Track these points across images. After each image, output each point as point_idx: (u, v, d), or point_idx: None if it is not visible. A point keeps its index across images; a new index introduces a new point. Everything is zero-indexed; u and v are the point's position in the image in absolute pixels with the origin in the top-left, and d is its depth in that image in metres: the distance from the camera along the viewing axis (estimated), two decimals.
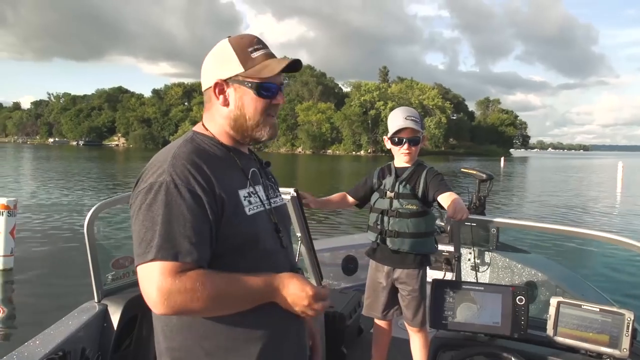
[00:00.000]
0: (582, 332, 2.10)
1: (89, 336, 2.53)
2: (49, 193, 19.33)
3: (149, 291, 1.21)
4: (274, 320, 1.39)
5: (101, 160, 50.28)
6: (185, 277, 1.21)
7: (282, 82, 1.48)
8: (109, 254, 2.89)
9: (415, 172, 3.00)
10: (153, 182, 1.28)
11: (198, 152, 1.37)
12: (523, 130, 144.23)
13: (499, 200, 19.96)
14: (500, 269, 4.44)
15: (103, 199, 2.75)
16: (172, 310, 1.22)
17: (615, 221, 15.65)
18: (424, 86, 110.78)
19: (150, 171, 1.33)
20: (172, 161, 1.31)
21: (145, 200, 1.27)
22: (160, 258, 1.21)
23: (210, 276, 1.24)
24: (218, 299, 1.25)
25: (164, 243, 1.22)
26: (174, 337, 1.37)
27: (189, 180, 1.28)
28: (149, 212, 1.25)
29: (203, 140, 1.44)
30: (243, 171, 1.46)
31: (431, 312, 2.28)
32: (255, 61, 1.42)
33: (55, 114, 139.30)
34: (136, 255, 1.25)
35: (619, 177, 34.43)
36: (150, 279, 1.21)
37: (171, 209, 1.25)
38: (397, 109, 3.13)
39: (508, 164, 64.51)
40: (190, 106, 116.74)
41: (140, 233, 1.25)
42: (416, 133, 3.00)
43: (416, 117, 3.02)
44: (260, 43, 1.46)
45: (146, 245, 1.23)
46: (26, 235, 10.60)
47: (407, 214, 2.93)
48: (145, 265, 1.22)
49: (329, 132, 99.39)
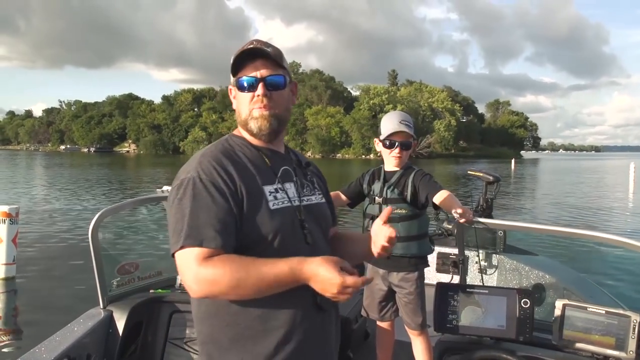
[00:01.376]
0: (587, 335, 2.08)
1: (95, 342, 2.54)
2: (57, 199, 19.50)
3: (183, 276, 1.37)
4: (296, 311, 1.45)
5: (112, 166, 50.59)
6: (212, 261, 1.32)
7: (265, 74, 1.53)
8: (114, 260, 2.91)
9: (403, 175, 3.02)
10: (183, 179, 1.44)
11: (225, 151, 1.51)
12: (534, 132, 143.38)
13: (509, 203, 19.85)
14: (507, 271, 4.41)
15: (107, 206, 2.76)
16: (202, 293, 1.34)
17: (627, 223, 15.51)
18: (433, 89, 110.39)
19: (183, 170, 1.49)
20: (200, 159, 1.48)
21: (177, 195, 1.42)
22: (188, 245, 1.34)
23: (235, 260, 1.34)
24: (240, 281, 1.32)
25: (190, 231, 1.35)
26: (203, 322, 1.49)
27: (213, 175, 1.42)
28: (179, 206, 1.40)
29: (235, 142, 1.58)
30: (272, 169, 1.56)
31: (436, 316, 2.26)
32: (235, 62, 1.55)
33: (66, 121, 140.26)
34: (170, 245, 1.39)
35: (631, 178, 34.13)
36: (182, 265, 1.36)
37: (197, 201, 1.39)
38: (391, 112, 3.16)
39: (519, 166, 64.18)
40: (200, 112, 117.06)
41: (172, 225, 1.40)
42: (409, 138, 3.01)
43: (410, 123, 3.03)
44: (252, 42, 1.55)
45: (177, 235, 1.37)
46: (32, 241, 10.67)
47: (397, 219, 2.92)
48: (177, 253, 1.36)
49: (339, 136, 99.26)
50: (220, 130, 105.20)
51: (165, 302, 2.86)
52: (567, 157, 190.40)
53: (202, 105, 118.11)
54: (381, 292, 3.12)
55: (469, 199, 3.57)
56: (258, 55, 1.53)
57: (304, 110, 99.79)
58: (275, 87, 1.55)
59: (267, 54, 1.53)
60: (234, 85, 1.58)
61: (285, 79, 1.57)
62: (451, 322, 2.22)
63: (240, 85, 1.55)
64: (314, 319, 1.50)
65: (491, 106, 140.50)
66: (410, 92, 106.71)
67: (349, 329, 3.44)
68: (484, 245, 4.49)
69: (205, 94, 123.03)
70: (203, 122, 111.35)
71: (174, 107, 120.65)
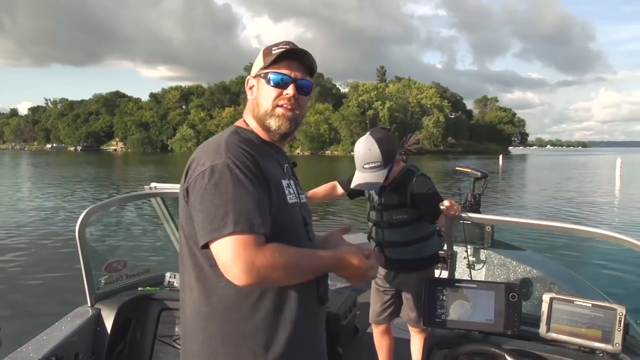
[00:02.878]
0: (574, 328, 2.10)
1: (83, 341, 2.53)
2: (43, 198, 19.34)
3: (233, 263, 1.28)
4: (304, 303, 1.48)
5: (99, 165, 50.26)
6: (266, 249, 1.30)
7: (299, 77, 1.55)
8: (101, 258, 2.89)
9: (402, 180, 2.91)
10: (214, 165, 1.37)
11: (245, 141, 1.48)
12: (521, 128, 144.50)
13: (497, 199, 19.97)
14: (495, 266, 4.44)
15: (94, 203, 2.74)
16: (256, 280, 1.29)
17: (613, 217, 15.65)
18: (422, 85, 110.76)
19: (205, 156, 1.42)
20: (226, 147, 1.42)
21: (210, 180, 1.36)
22: (238, 231, 1.29)
23: (286, 248, 1.34)
24: (294, 268, 1.34)
25: (239, 217, 1.30)
26: (211, 317, 1.44)
27: (246, 162, 1.39)
28: (216, 191, 1.34)
29: (246, 133, 1.56)
30: (280, 164, 1.58)
31: (425, 311, 2.27)
32: (273, 56, 1.54)
33: (52, 120, 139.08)
34: (207, 231, 1.32)
35: (617, 173, 34.42)
36: (232, 251, 1.28)
37: (238, 187, 1.34)
38: (357, 147, 2.81)
39: (507, 162, 64.47)
40: (188, 109, 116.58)
41: (210, 211, 1.33)
42: (377, 182, 2.74)
43: (377, 160, 2.71)
44: (289, 44, 1.57)
45: (219, 220, 1.30)
46: (18, 240, 10.60)
47: (399, 224, 2.90)
48: (222, 240, 1.30)
49: (327, 132, 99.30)
50: (209, 127, 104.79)
51: (154, 299, 2.85)
52: (554, 153, 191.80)
53: (190, 102, 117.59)
54: (388, 293, 3.11)
55: (454, 197, 3.60)
56: (296, 56, 1.56)
57: None
58: (304, 91, 1.57)
59: (306, 57, 1.57)
60: (259, 77, 1.56)
61: (312, 87, 1.61)
62: (440, 317, 2.23)
63: (273, 79, 1.53)
64: (316, 312, 1.56)
65: (479, 102, 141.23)
66: (399, 89, 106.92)
67: (338, 325, 3.45)
68: (472, 240, 4.51)
69: (194, 92, 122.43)
70: (191, 120, 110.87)
71: (162, 104, 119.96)
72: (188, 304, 1.49)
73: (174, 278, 3.00)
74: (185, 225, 1.46)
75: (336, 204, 14.52)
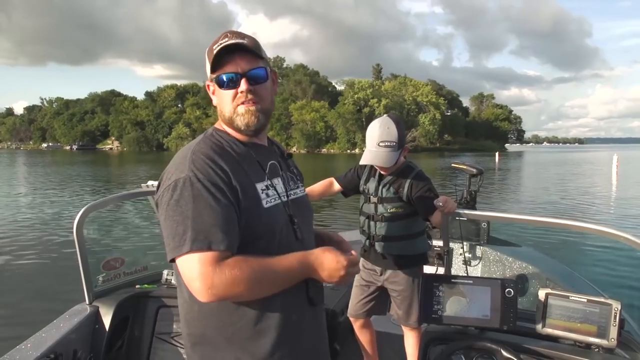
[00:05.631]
0: (570, 323, 2.10)
1: (81, 338, 2.53)
2: (40, 196, 19.26)
3: (192, 282, 1.28)
4: (291, 307, 1.45)
5: (95, 164, 50.06)
6: (225, 265, 1.27)
7: (246, 69, 1.47)
8: (99, 256, 2.90)
9: (400, 175, 2.91)
10: (177, 179, 1.35)
11: (215, 148, 1.44)
12: (518, 125, 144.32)
13: (493, 195, 19.99)
14: (491, 262, 4.45)
15: (92, 201, 2.74)
16: (217, 297, 1.28)
17: (609, 213, 15.68)
18: (418, 83, 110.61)
19: (172, 169, 1.40)
20: (191, 157, 1.39)
21: (172, 196, 1.33)
22: (196, 249, 1.27)
23: (248, 261, 1.31)
24: (257, 281, 1.31)
25: (197, 235, 1.28)
26: (195, 324, 1.44)
27: (209, 174, 1.35)
28: (177, 207, 1.32)
29: (221, 136, 1.51)
30: (260, 165, 1.52)
31: (421, 307, 2.28)
32: (213, 57, 1.46)
33: (48, 119, 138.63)
34: (170, 249, 1.32)
35: (613, 169, 34.49)
36: (190, 270, 1.28)
37: (198, 202, 1.31)
38: (374, 124, 2.86)
39: (503, 158, 64.53)
40: (184, 108, 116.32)
41: (171, 228, 1.31)
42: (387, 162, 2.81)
43: (392, 140, 2.78)
44: (227, 35, 1.48)
45: (179, 238, 1.29)
46: (15, 239, 10.58)
47: (393, 218, 2.90)
48: (182, 258, 1.29)
49: (324, 130, 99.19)
50: (205, 126, 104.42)
51: (152, 297, 2.85)
52: (551, 150, 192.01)
53: (186, 101, 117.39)
54: (374, 288, 3.10)
55: (449, 194, 3.61)
56: (235, 49, 1.46)
57: (288, 105, 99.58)
58: (257, 80, 1.49)
59: (244, 47, 1.46)
60: (213, 82, 1.51)
61: (267, 71, 1.51)
62: (436, 313, 2.23)
63: (221, 82, 1.48)
64: (307, 314, 1.52)
65: (475, 99, 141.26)
66: (395, 86, 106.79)
67: (335, 322, 3.46)
68: (468, 236, 4.52)
69: (189, 90, 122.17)
70: (187, 118, 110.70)
71: (157, 103, 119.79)
72: (180, 308, 1.51)
73: (171, 276, 3.00)
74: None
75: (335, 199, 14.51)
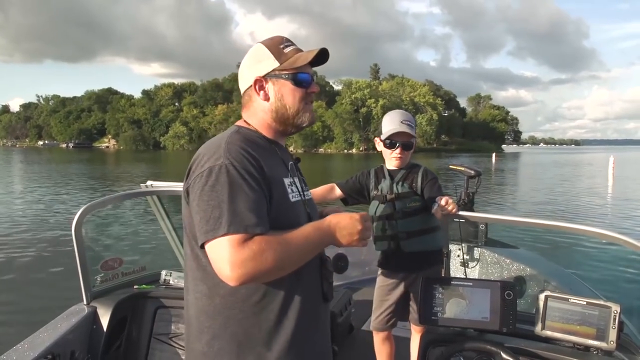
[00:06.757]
0: (569, 326, 2.11)
1: (78, 339, 2.53)
2: (38, 195, 19.21)
3: (221, 265, 1.30)
4: (308, 301, 1.50)
5: (92, 162, 49.96)
6: (251, 242, 1.30)
7: (314, 72, 1.63)
8: (97, 256, 2.89)
9: (410, 172, 2.93)
10: (212, 166, 1.38)
11: (247, 141, 1.48)
12: (515, 126, 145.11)
13: (490, 197, 20.01)
14: (489, 264, 4.46)
15: (90, 201, 2.73)
16: (246, 276, 1.29)
17: (606, 215, 15.72)
18: (415, 83, 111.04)
19: (205, 157, 1.43)
20: (226, 147, 1.42)
21: (207, 182, 1.37)
22: (232, 232, 1.30)
23: (271, 237, 1.33)
24: (283, 254, 1.33)
25: (233, 218, 1.31)
26: (215, 318, 1.45)
27: (244, 163, 1.39)
28: (212, 192, 1.35)
29: (248, 132, 1.56)
30: (284, 162, 1.59)
31: (421, 308, 2.28)
32: (287, 55, 1.56)
33: (44, 117, 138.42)
34: (203, 232, 1.34)
35: (610, 171, 34.58)
36: (222, 252, 1.30)
37: (234, 188, 1.35)
38: (393, 111, 3.03)
39: (500, 159, 64.60)
40: (181, 106, 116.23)
41: (206, 212, 1.34)
42: (410, 138, 2.91)
43: (412, 122, 2.94)
44: (289, 41, 1.61)
45: (215, 221, 1.32)
46: (13, 238, 10.54)
47: (413, 212, 2.85)
48: (216, 240, 1.31)
49: (321, 130, 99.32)
50: (202, 125, 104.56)
51: (150, 297, 2.85)
52: (547, 151, 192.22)
53: (183, 99, 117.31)
54: (399, 297, 2.97)
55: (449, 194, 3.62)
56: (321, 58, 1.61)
57: None
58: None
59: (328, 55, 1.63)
60: (280, 78, 1.56)
61: None
62: (436, 314, 2.24)
63: (303, 80, 1.58)
64: (320, 308, 1.57)
65: (473, 100, 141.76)
66: (392, 87, 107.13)
67: (334, 323, 3.46)
68: (466, 238, 4.52)
69: (186, 89, 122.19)
70: (184, 117, 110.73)
71: (154, 101, 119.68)
72: (192, 304, 1.49)
73: (169, 276, 2.99)
74: (187, 225, 1.46)
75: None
